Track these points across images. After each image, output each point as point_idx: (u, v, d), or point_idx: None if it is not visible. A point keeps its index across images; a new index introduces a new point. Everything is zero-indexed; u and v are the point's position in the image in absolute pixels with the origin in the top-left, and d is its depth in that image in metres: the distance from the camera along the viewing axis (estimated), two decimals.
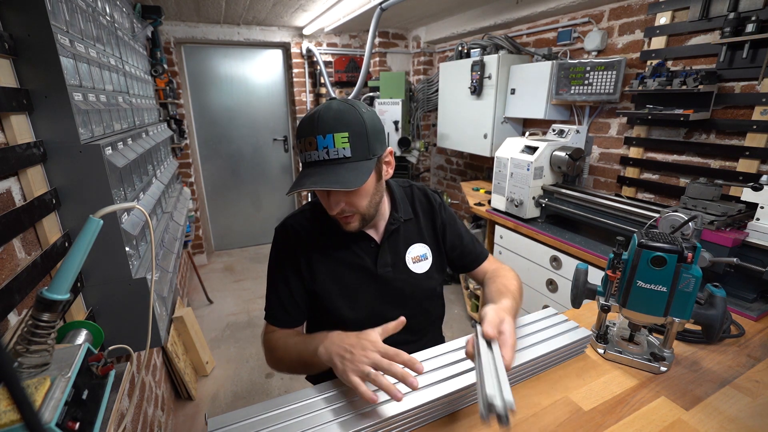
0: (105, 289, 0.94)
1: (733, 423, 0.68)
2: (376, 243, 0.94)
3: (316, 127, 0.75)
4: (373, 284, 0.94)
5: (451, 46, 3.25)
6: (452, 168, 3.59)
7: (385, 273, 0.94)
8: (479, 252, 1.04)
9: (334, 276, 0.92)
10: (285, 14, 2.93)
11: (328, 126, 0.75)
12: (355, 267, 0.93)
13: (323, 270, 0.92)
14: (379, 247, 0.93)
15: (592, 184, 2.20)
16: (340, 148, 0.75)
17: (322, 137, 0.75)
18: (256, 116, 3.77)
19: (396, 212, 0.95)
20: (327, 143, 0.74)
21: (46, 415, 0.46)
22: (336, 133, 0.74)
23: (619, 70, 1.86)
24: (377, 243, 0.94)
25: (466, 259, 1.03)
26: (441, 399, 0.68)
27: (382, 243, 0.93)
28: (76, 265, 0.56)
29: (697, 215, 1.01)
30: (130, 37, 1.69)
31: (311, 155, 0.76)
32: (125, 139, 1.15)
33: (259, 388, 2.11)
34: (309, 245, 0.92)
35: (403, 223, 0.96)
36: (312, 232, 0.92)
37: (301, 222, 0.94)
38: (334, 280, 0.92)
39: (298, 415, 0.65)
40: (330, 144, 0.75)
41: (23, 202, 0.76)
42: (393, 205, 0.96)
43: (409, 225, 0.98)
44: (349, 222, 0.84)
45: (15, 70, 0.77)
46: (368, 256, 0.93)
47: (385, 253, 0.94)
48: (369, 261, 0.93)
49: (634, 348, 0.86)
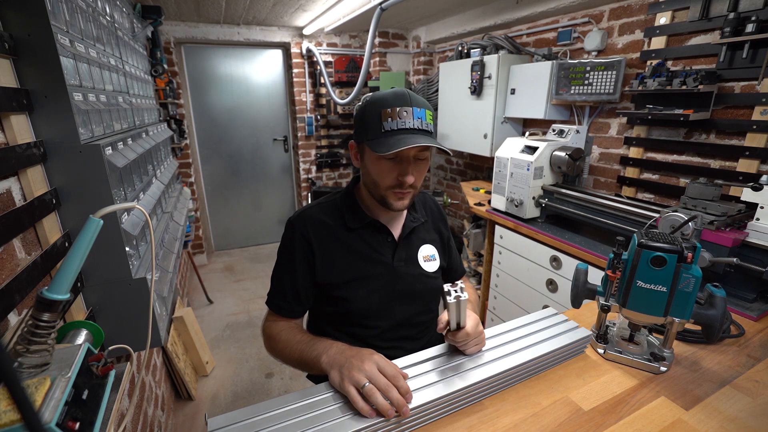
0: (105, 289, 0.94)
1: (733, 423, 0.68)
2: (394, 239, 0.97)
3: (410, 101, 0.82)
4: (388, 278, 0.96)
5: (451, 46, 3.24)
6: (452, 168, 3.59)
7: (400, 267, 0.97)
8: (462, 270, 1.16)
9: (351, 267, 0.94)
10: (285, 14, 2.93)
11: (420, 102, 0.83)
12: (373, 259, 0.95)
13: (341, 261, 0.93)
14: (397, 242, 0.97)
15: (592, 184, 2.20)
16: (429, 122, 0.84)
17: (417, 109, 0.82)
18: (256, 116, 3.77)
19: (415, 212, 1.02)
20: (421, 115, 0.82)
21: (46, 415, 0.46)
22: (426, 110, 0.84)
23: (619, 70, 1.86)
24: (395, 238, 0.97)
25: (452, 273, 1.12)
26: (441, 399, 0.68)
27: (401, 239, 0.98)
28: (76, 265, 0.56)
29: (697, 215, 1.01)
30: (130, 37, 1.69)
31: (406, 122, 0.81)
32: (125, 139, 1.15)
33: (259, 388, 2.11)
34: (328, 236, 0.93)
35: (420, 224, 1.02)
36: (331, 225, 0.95)
37: (318, 215, 0.96)
38: (351, 271, 0.94)
39: (298, 415, 0.65)
40: (423, 117, 0.83)
41: (23, 202, 0.76)
42: (411, 206, 1.02)
43: (422, 226, 1.04)
44: (403, 197, 0.88)
45: (15, 70, 0.77)
46: (386, 249, 0.96)
47: (402, 249, 0.98)
48: (387, 255, 0.96)
49: (634, 348, 0.86)
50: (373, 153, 0.83)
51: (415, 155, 0.84)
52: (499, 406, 0.72)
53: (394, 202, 0.88)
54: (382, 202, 0.89)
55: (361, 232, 0.95)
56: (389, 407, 0.62)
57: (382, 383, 0.64)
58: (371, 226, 0.95)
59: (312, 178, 3.90)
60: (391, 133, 0.81)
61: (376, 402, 0.62)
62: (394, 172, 0.85)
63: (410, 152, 0.83)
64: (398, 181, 0.85)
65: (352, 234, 0.95)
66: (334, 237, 0.94)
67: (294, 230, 0.94)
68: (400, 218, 0.99)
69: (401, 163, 0.84)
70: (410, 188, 0.87)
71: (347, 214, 0.95)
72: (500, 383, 0.75)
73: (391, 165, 0.85)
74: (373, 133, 0.83)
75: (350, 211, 0.96)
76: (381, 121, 0.82)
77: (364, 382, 0.64)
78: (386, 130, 0.81)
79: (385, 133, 0.81)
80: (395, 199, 0.88)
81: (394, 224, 0.98)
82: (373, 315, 0.96)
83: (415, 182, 0.86)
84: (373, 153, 0.83)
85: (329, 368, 0.71)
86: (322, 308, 0.99)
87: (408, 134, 0.81)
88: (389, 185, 0.86)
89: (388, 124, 0.81)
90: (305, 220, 0.94)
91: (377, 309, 0.95)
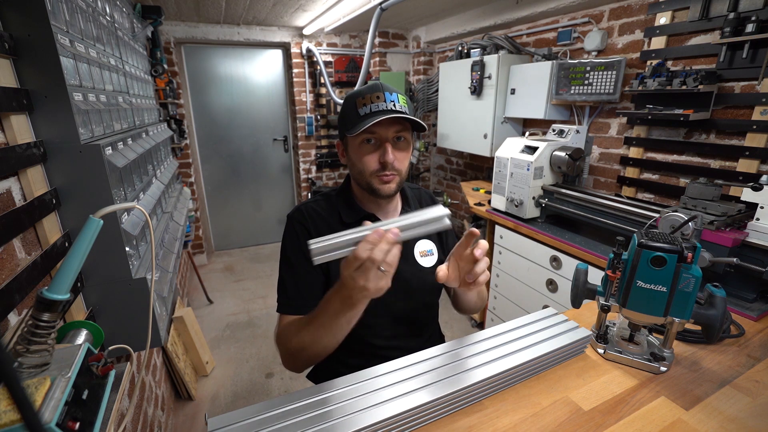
0: (105, 289, 0.94)
1: (733, 423, 0.68)
2: None
3: (381, 87, 0.86)
4: None
5: (451, 46, 3.25)
6: (452, 168, 3.59)
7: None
8: None
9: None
10: (285, 14, 2.93)
11: (391, 89, 0.87)
12: None
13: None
14: None
15: (592, 184, 2.20)
16: (402, 105, 0.87)
17: (389, 93, 0.86)
18: (256, 116, 3.77)
19: (408, 207, 1.02)
20: (393, 99, 0.86)
21: (46, 415, 0.46)
22: (399, 95, 0.87)
23: (619, 70, 1.86)
24: None
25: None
26: (441, 399, 0.68)
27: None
28: (76, 265, 0.56)
29: (697, 215, 1.01)
30: (130, 37, 1.69)
31: (379, 105, 0.84)
32: (125, 139, 1.15)
33: (259, 388, 2.11)
34: (325, 230, 0.93)
35: None
36: (328, 219, 0.96)
37: (314, 208, 0.98)
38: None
39: (298, 415, 0.65)
40: (396, 100, 0.86)
41: (23, 202, 0.76)
42: (405, 200, 1.04)
43: None
44: (389, 181, 0.89)
45: (15, 70, 0.77)
46: None
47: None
48: None
49: (634, 348, 0.86)
50: (355, 141, 0.88)
51: (394, 137, 0.87)
52: (499, 406, 0.72)
53: (380, 187, 0.90)
54: (370, 190, 0.91)
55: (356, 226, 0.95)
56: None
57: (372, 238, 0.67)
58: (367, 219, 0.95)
59: (312, 178, 3.90)
60: (366, 117, 0.85)
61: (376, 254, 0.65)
62: (375, 156, 0.88)
63: (388, 134, 0.86)
64: (380, 164, 0.88)
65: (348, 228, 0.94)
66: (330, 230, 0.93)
67: (294, 223, 0.96)
68: (394, 213, 1.00)
69: (381, 147, 0.88)
70: (394, 172, 0.89)
71: (342, 208, 0.97)
72: (500, 383, 0.75)
73: (371, 149, 0.88)
74: (350, 123, 0.87)
75: (346, 206, 0.98)
76: (356, 108, 0.86)
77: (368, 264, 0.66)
78: (362, 115, 0.85)
79: (361, 118, 0.85)
80: (380, 184, 0.89)
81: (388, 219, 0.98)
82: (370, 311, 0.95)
83: (398, 165, 0.89)
84: (354, 142, 0.88)
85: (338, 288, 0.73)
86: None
87: (382, 114, 0.84)
88: (373, 170, 0.88)
89: (362, 109, 0.85)
90: (303, 212, 0.96)
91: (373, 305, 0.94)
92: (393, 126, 0.86)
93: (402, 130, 0.88)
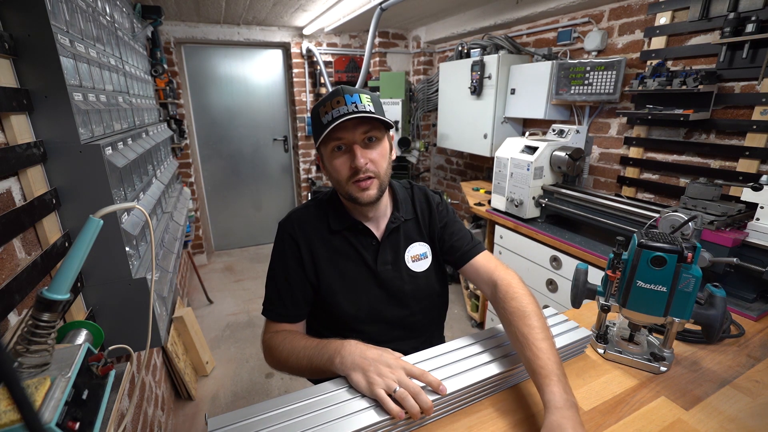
0: (105, 289, 0.94)
1: (733, 423, 0.68)
2: (377, 240, 0.95)
3: (342, 91, 0.83)
4: (373, 281, 0.95)
5: (451, 46, 3.24)
6: (452, 168, 3.59)
7: (384, 270, 0.95)
8: (467, 249, 0.97)
9: (336, 270, 0.93)
10: (285, 14, 2.93)
11: (352, 90, 0.84)
12: (356, 262, 0.94)
13: (326, 264, 0.93)
14: (380, 244, 0.95)
15: (592, 184, 2.20)
16: (366, 104, 0.83)
17: (349, 95, 0.82)
18: (256, 116, 3.77)
19: (397, 211, 0.98)
20: (354, 100, 0.82)
21: (46, 415, 0.46)
22: (361, 94, 0.84)
23: (619, 70, 1.86)
24: (378, 240, 0.95)
25: (455, 254, 0.98)
26: (441, 399, 0.68)
27: (383, 241, 0.95)
28: (76, 265, 0.56)
29: (697, 215, 1.01)
30: (130, 37, 1.69)
31: (340, 110, 0.81)
32: (125, 139, 1.15)
33: (259, 388, 2.11)
34: (314, 238, 0.94)
35: (404, 223, 0.99)
36: (317, 226, 0.95)
37: (305, 215, 0.96)
38: (336, 274, 0.93)
39: (298, 415, 0.65)
40: (357, 101, 0.82)
41: (23, 202, 0.76)
42: (395, 205, 0.99)
43: (410, 224, 1.00)
44: (368, 187, 0.86)
45: (15, 70, 0.77)
46: (369, 252, 0.95)
47: (385, 250, 0.96)
48: (369, 258, 0.95)
49: (634, 348, 0.86)
50: (326, 151, 0.86)
51: (363, 138, 0.85)
52: (499, 406, 0.73)
53: (359, 195, 0.86)
54: (351, 199, 0.88)
55: (345, 234, 0.94)
56: (419, 409, 0.64)
57: (412, 388, 0.66)
58: (354, 227, 0.94)
59: (312, 178, 3.90)
60: (329, 124, 0.82)
61: (409, 405, 0.64)
62: (346, 162, 0.85)
63: (355, 136, 0.84)
64: (352, 169, 0.85)
65: (336, 236, 0.94)
66: (319, 238, 0.94)
67: (283, 231, 0.95)
68: (383, 219, 0.97)
69: (351, 151, 0.85)
70: (370, 174, 0.85)
71: (331, 215, 0.95)
72: (500, 383, 0.75)
73: (343, 156, 0.86)
74: (318, 133, 0.86)
75: (334, 213, 0.96)
76: (320, 118, 0.84)
77: (395, 386, 0.66)
78: (325, 123, 0.83)
79: (324, 126, 0.83)
80: (359, 192, 0.86)
81: (376, 226, 0.96)
82: (364, 319, 0.95)
83: (372, 167, 0.85)
84: (326, 151, 0.87)
85: (349, 370, 0.71)
86: (317, 312, 0.98)
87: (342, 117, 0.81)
88: (347, 176, 0.86)
89: (325, 117, 0.83)
90: (293, 221, 0.95)
91: (367, 312, 0.95)
92: (359, 127, 0.83)
93: (371, 129, 0.85)
